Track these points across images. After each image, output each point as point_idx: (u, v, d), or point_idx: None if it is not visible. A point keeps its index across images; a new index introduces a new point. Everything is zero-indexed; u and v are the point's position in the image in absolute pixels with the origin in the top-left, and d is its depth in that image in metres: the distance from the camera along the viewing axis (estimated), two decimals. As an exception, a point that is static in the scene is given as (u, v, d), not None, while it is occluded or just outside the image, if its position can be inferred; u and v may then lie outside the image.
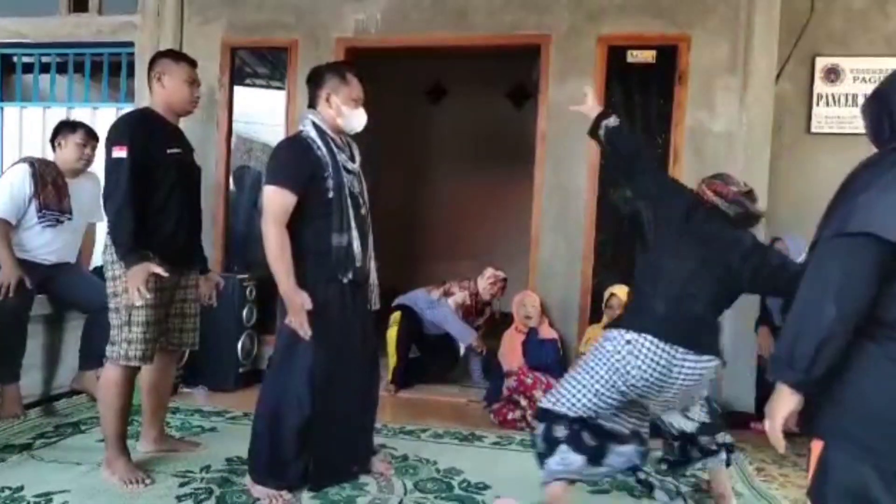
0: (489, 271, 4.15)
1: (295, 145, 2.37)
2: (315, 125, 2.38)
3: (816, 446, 1.31)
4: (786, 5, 3.53)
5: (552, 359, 3.58)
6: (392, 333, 4.02)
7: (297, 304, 2.25)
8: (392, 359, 3.99)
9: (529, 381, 3.39)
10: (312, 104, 2.45)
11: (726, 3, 3.58)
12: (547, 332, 3.70)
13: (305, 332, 2.25)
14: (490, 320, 4.29)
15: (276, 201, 2.26)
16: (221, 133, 4.13)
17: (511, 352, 3.64)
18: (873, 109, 1.35)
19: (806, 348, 1.23)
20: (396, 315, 4.08)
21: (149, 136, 2.40)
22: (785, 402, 1.29)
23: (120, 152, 2.33)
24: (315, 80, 2.45)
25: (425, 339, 4.15)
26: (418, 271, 5.67)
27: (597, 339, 3.36)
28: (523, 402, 3.34)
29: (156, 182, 2.42)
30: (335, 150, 2.37)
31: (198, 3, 4.12)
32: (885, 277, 1.19)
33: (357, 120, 2.43)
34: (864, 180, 1.23)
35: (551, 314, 3.78)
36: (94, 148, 3.22)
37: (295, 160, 2.31)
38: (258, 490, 2.34)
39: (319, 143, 2.34)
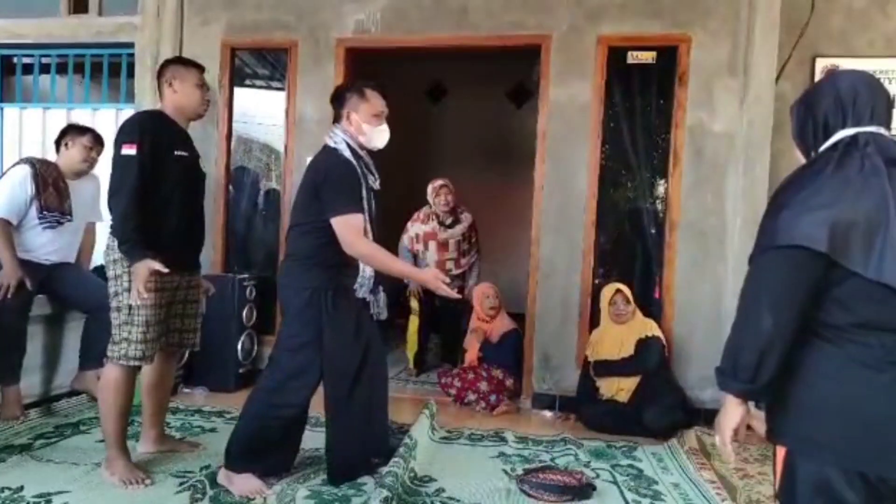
0: (428, 188, 4.40)
1: (346, 168, 2.37)
2: (349, 147, 2.41)
3: (780, 452, 1.33)
4: (786, 5, 3.53)
5: (510, 357, 3.85)
6: (413, 325, 4.44)
7: (428, 276, 2.41)
8: (413, 347, 4.46)
9: (472, 376, 3.75)
10: (337, 121, 2.50)
11: (726, 3, 3.58)
12: (503, 325, 3.98)
13: (450, 294, 2.41)
14: (472, 233, 4.48)
15: (353, 226, 2.30)
16: (221, 133, 4.12)
17: (471, 350, 3.95)
18: (800, 113, 1.40)
19: (748, 359, 1.27)
20: (415, 304, 4.44)
21: (158, 137, 2.43)
22: (732, 414, 1.33)
23: (129, 149, 2.35)
24: (337, 99, 2.50)
25: (441, 322, 4.57)
26: (418, 271, 5.70)
27: (600, 344, 3.44)
28: (472, 397, 3.71)
29: (160, 183, 2.43)
30: (365, 171, 2.43)
31: (197, 3, 4.12)
32: (825, 284, 1.22)
33: (379, 137, 2.48)
34: (788, 195, 1.28)
35: (551, 314, 3.79)
36: (98, 153, 3.25)
37: (354, 183, 2.36)
38: (237, 480, 2.39)
39: (355, 164, 2.39)
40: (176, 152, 2.49)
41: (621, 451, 3.04)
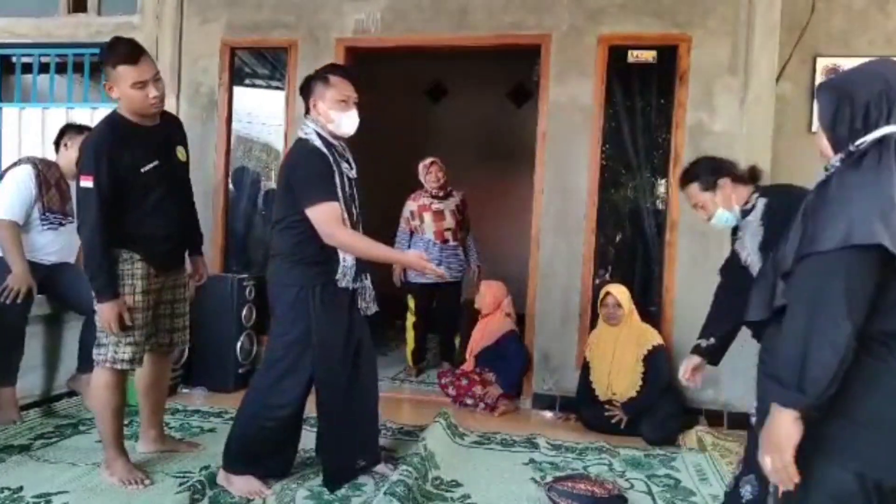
0: (419, 167, 4.32)
1: (316, 157, 2.33)
2: (319, 136, 2.37)
3: None
4: (786, 5, 3.53)
5: (515, 362, 3.76)
6: (410, 322, 4.39)
7: (412, 259, 2.42)
8: (410, 344, 4.42)
9: (465, 382, 3.75)
10: (307, 113, 2.46)
11: (727, 3, 3.57)
12: (502, 326, 3.90)
13: (437, 273, 2.38)
14: (464, 208, 4.44)
15: (330, 216, 2.26)
16: (221, 133, 4.11)
17: (471, 348, 3.96)
18: (832, 99, 1.28)
19: (821, 372, 1.14)
20: (410, 302, 4.39)
21: (118, 157, 2.27)
22: (792, 431, 1.19)
23: (87, 182, 2.25)
24: (304, 89, 2.45)
25: (437, 321, 4.52)
26: (418, 271, 5.69)
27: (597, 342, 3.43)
28: (469, 402, 3.69)
29: (135, 197, 2.35)
30: (338, 159, 2.38)
31: (197, 3, 4.11)
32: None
33: (347, 122, 2.40)
34: (849, 191, 1.18)
35: (551, 315, 3.78)
36: None
37: (325, 172, 2.31)
38: (237, 481, 2.38)
39: (326, 152, 2.34)
40: (143, 168, 2.34)
41: (659, 459, 2.93)
